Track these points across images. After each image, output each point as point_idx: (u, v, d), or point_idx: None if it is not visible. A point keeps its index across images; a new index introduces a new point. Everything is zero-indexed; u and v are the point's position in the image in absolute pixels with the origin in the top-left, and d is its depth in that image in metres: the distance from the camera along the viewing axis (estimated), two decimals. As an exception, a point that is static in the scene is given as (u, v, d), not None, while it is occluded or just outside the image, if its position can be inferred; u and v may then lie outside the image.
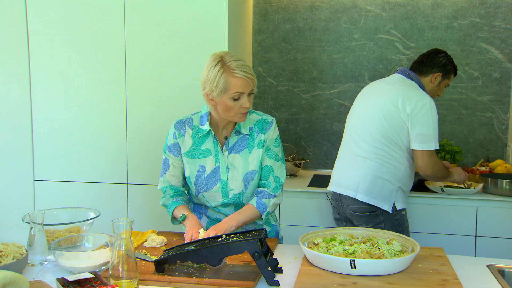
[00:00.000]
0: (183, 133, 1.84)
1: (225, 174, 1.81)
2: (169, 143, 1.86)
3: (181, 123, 1.86)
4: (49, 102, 2.99)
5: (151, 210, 2.95)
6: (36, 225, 1.58)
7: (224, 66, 1.66)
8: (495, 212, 2.66)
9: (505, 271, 1.57)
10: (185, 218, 1.78)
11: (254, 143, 1.82)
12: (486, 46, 3.19)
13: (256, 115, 1.86)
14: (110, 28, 2.88)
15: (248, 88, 1.68)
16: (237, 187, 1.82)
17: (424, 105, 2.21)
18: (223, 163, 1.81)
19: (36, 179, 3.05)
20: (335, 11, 3.35)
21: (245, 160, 1.81)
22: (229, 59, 1.67)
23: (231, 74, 1.65)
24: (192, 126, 1.84)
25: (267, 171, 1.83)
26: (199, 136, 1.82)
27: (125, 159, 2.95)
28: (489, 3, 3.15)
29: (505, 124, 3.21)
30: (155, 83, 2.88)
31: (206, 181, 1.82)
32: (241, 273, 1.48)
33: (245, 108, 1.70)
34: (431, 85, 2.42)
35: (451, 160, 3.14)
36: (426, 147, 2.22)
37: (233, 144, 1.81)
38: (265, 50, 3.47)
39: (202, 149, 1.82)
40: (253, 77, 1.69)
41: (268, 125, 1.83)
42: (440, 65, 2.40)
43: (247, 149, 1.81)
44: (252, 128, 1.82)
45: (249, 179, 1.82)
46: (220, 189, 1.82)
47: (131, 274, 1.32)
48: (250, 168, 1.81)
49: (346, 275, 1.44)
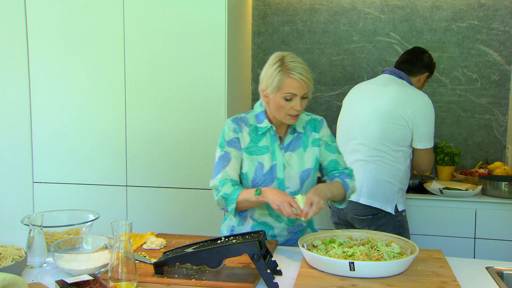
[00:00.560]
0: (241, 129, 1.83)
1: (281, 172, 1.80)
2: (228, 137, 1.82)
3: (238, 120, 1.84)
4: (49, 104, 2.99)
5: (151, 212, 2.95)
6: (35, 227, 1.58)
7: (282, 65, 1.69)
8: (494, 214, 2.67)
9: (504, 273, 1.57)
10: (261, 190, 1.66)
11: (308, 141, 1.84)
12: (485, 48, 3.19)
13: (304, 115, 1.89)
14: (110, 30, 2.88)
15: (301, 91, 1.69)
16: (293, 185, 1.82)
17: (423, 104, 2.27)
18: (280, 160, 1.81)
19: (35, 181, 3.05)
20: (334, 14, 3.35)
21: (300, 158, 1.82)
22: (289, 59, 1.70)
23: (287, 74, 1.68)
24: (249, 124, 1.83)
25: (334, 164, 1.86)
26: (257, 134, 1.82)
27: (124, 161, 2.95)
28: (488, 5, 3.16)
29: (504, 126, 3.22)
30: (154, 86, 2.88)
31: (264, 179, 1.80)
32: (240, 275, 1.48)
33: (295, 111, 1.71)
34: (418, 84, 2.49)
35: (450, 163, 3.15)
36: (428, 145, 2.30)
37: (288, 143, 1.83)
38: (264, 52, 3.47)
39: (260, 146, 1.82)
40: (309, 82, 1.70)
41: (320, 124, 1.88)
42: (427, 65, 2.48)
43: (302, 147, 1.83)
44: (305, 127, 1.86)
45: (305, 177, 1.83)
46: (276, 187, 1.80)
47: (130, 276, 1.32)
48: (306, 166, 1.83)
49: (345, 277, 1.44)
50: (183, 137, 2.88)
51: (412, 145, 2.31)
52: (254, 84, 3.51)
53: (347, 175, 1.85)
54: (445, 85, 3.26)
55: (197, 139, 2.87)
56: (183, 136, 2.88)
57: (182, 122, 2.88)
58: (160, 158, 2.92)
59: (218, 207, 1.84)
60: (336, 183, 1.80)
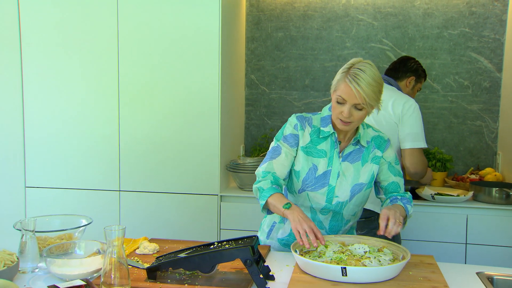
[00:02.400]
0: (304, 128, 1.81)
1: (334, 180, 1.78)
2: (287, 132, 1.81)
3: (303, 119, 1.82)
4: (41, 108, 2.98)
5: (144, 217, 2.95)
6: (28, 232, 1.57)
7: (348, 70, 1.66)
8: (485, 220, 2.69)
9: (494, 278, 1.59)
10: (290, 207, 1.65)
11: (368, 157, 1.81)
12: (476, 55, 3.23)
13: (372, 130, 1.85)
14: (104, 35, 2.89)
15: (352, 98, 1.64)
16: (342, 196, 1.79)
17: (411, 106, 2.33)
18: (335, 168, 1.78)
19: (27, 185, 3.03)
20: (327, 20, 3.38)
21: (356, 171, 1.79)
22: (356, 66, 1.66)
23: (345, 78, 1.65)
24: (312, 125, 1.82)
25: (395, 187, 1.84)
26: (319, 137, 1.80)
27: (117, 166, 2.95)
28: (478, 13, 3.20)
29: (495, 133, 3.25)
30: (147, 90, 2.88)
31: (316, 181, 1.79)
32: (233, 280, 1.49)
33: (342, 116, 1.68)
34: (407, 89, 2.60)
35: (442, 168, 3.17)
36: (416, 145, 2.31)
37: (348, 153, 1.80)
38: (258, 58, 3.49)
39: (318, 149, 1.79)
40: (364, 94, 1.62)
41: (386, 144, 1.84)
42: (412, 69, 2.60)
43: (361, 161, 1.80)
44: (369, 142, 1.82)
45: (356, 190, 1.80)
46: (326, 193, 1.79)
47: (123, 281, 1.32)
48: (360, 180, 1.80)
49: (338, 282, 1.45)
50: (176, 142, 2.89)
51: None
52: (248, 90, 3.53)
53: (408, 201, 1.82)
54: (437, 91, 3.29)
55: (190, 144, 2.88)
56: (176, 141, 2.88)
57: (175, 127, 2.88)
58: (153, 163, 2.92)
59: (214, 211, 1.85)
60: (400, 206, 1.77)
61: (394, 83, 2.51)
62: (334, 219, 1.84)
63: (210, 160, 2.87)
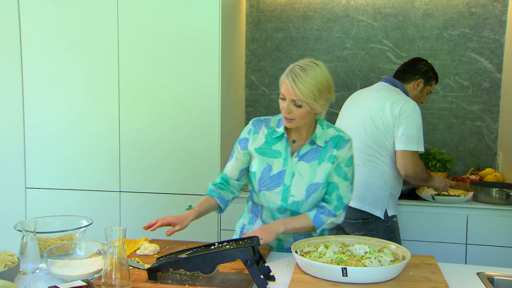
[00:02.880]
0: (257, 131, 1.87)
1: (289, 179, 1.81)
2: (241, 136, 1.91)
3: (260, 121, 1.89)
4: (42, 109, 2.99)
5: (144, 218, 2.93)
6: (28, 233, 1.58)
7: (293, 67, 1.72)
8: (485, 220, 2.69)
9: (495, 278, 1.59)
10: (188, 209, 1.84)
11: (325, 156, 1.81)
12: (476, 56, 3.23)
13: (334, 130, 1.86)
14: (104, 36, 2.89)
15: (288, 95, 1.70)
16: (298, 195, 1.81)
17: (409, 108, 2.29)
18: (290, 168, 1.81)
19: (28, 186, 3.03)
20: (327, 21, 3.38)
21: (312, 171, 1.81)
22: (299, 64, 1.72)
23: (285, 75, 1.73)
24: (269, 126, 1.87)
25: (332, 187, 1.83)
26: (273, 137, 1.84)
27: (118, 166, 2.95)
28: (478, 14, 3.20)
29: (495, 133, 3.25)
30: (148, 92, 2.89)
31: (270, 181, 1.82)
32: (234, 280, 1.49)
33: (284, 112, 1.73)
34: (414, 91, 2.51)
35: (442, 169, 3.17)
36: (409, 147, 2.27)
37: (304, 153, 1.82)
38: (258, 59, 3.49)
39: (273, 149, 1.84)
40: (297, 90, 1.67)
41: (343, 143, 1.83)
42: (421, 72, 2.50)
43: (317, 160, 1.81)
44: (327, 142, 1.83)
45: (312, 190, 1.81)
46: (281, 192, 1.82)
47: (124, 282, 1.32)
48: (316, 179, 1.81)
49: (338, 282, 1.45)
50: (176, 142, 2.89)
51: None
52: (248, 90, 3.53)
53: (328, 212, 1.80)
54: (437, 92, 3.29)
55: (191, 144, 2.88)
56: (177, 142, 2.89)
57: (175, 128, 2.88)
58: (154, 164, 2.93)
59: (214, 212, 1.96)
60: (304, 217, 1.78)
61: (399, 85, 2.46)
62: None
63: (210, 161, 2.87)
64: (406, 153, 2.28)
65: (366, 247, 1.63)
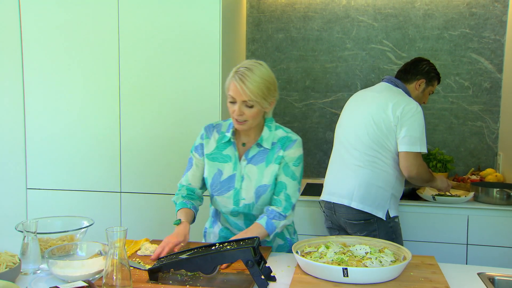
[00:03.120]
0: (209, 136, 1.89)
1: (239, 183, 1.83)
2: (197, 143, 1.92)
3: (211, 127, 1.92)
4: (42, 110, 2.99)
5: (145, 219, 2.95)
6: (30, 234, 1.58)
7: (237, 69, 1.74)
8: (486, 221, 2.69)
9: (495, 279, 1.59)
10: (179, 223, 1.79)
11: (272, 158, 1.82)
12: (476, 56, 3.23)
13: (282, 131, 1.86)
14: (104, 36, 2.89)
15: (239, 96, 1.71)
16: (248, 198, 1.83)
17: (411, 109, 2.28)
18: (239, 172, 1.83)
19: (28, 187, 3.04)
20: (328, 21, 3.38)
21: (260, 173, 1.82)
22: (244, 65, 1.74)
23: (232, 78, 1.73)
24: (220, 131, 1.89)
25: (280, 187, 1.83)
26: (223, 142, 1.86)
27: (118, 167, 2.95)
28: (479, 14, 3.21)
29: (495, 134, 3.25)
30: (149, 92, 2.89)
31: (221, 186, 1.84)
32: (235, 281, 1.49)
33: (236, 115, 1.74)
34: (416, 91, 2.50)
35: (443, 169, 3.17)
36: (412, 149, 2.26)
37: (252, 156, 1.83)
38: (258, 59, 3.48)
39: (223, 154, 1.85)
40: (249, 91, 1.69)
41: (290, 143, 1.83)
42: (423, 72, 2.49)
43: (265, 162, 1.82)
44: (275, 143, 1.83)
45: (261, 192, 1.82)
46: (232, 196, 1.84)
47: (125, 283, 1.32)
48: (264, 181, 1.82)
49: (339, 283, 1.45)
50: (177, 143, 2.89)
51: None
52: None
53: (278, 215, 1.79)
54: (437, 92, 3.29)
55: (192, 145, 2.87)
56: (177, 142, 2.89)
57: (176, 128, 2.88)
58: (154, 165, 2.93)
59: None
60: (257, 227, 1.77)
61: (401, 85, 2.45)
62: (248, 220, 1.88)
63: (211, 162, 2.86)
64: (409, 155, 2.27)
65: (367, 248, 1.63)
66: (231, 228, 1.93)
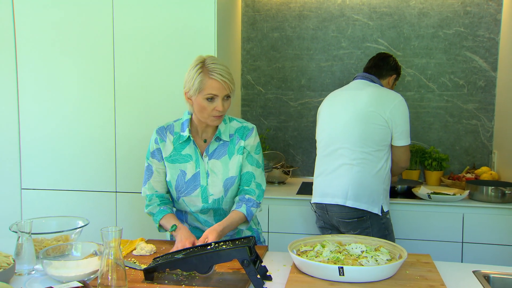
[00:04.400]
0: (164, 139, 1.87)
1: (205, 180, 1.83)
2: (152, 149, 1.88)
3: (163, 129, 1.88)
4: (37, 109, 2.97)
5: (140, 219, 2.94)
6: (24, 234, 1.57)
7: (203, 67, 1.71)
8: (481, 219, 2.70)
9: (491, 276, 1.59)
10: (176, 228, 1.79)
11: (234, 149, 1.84)
12: (471, 55, 3.24)
13: (237, 122, 1.89)
14: (99, 36, 2.88)
15: (222, 91, 1.71)
16: (216, 193, 1.84)
17: (399, 102, 2.36)
18: (203, 168, 1.83)
19: (23, 187, 3.02)
20: (323, 20, 3.38)
21: (225, 166, 1.83)
22: (210, 61, 1.72)
23: (208, 75, 1.70)
24: (174, 132, 1.87)
25: (249, 177, 1.85)
26: (180, 142, 1.85)
27: (113, 167, 2.94)
28: (473, 13, 3.21)
29: (490, 132, 3.26)
30: (143, 91, 2.88)
31: (186, 186, 1.84)
32: (230, 280, 1.49)
33: (218, 111, 1.73)
34: (388, 86, 2.60)
35: (438, 168, 3.18)
36: (406, 142, 2.39)
37: (213, 150, 1.84)
38: (254, 58, 3.49)
39: (183, 154, 1.84)
40: (230, 82, 1.72)
41: (248, 132, 1.86)
42: (394, 67, 2.61)
43: (227, 155, 1.84)
44: (232, 135, 1.85)
45: (229, 184, 1.84)
46: (200, 194, 1.84)
47: (120, 283, 1.32)
48: (230, 174, 1.84)
49: (335, 282, 1.45)
50: (172, 142, 2.88)
51: (392, 144, 2.37)
52: (244, 90, 3.53)
53: (256, 203, 1.84)
54: (432, 91, 3.30)
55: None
56: (173, 142, 2.88)
57: (171, 127, 2.87)
58: (150, 164, 2.91)
59: None
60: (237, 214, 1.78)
61: (377, 81, 2.51)
62: (217, 215, 1.89)
63: (206, 161, 2.86)
64: (407, 148, 2.39)
65: (362, 246, 1.63)
66: (202, 226, 1.92)
